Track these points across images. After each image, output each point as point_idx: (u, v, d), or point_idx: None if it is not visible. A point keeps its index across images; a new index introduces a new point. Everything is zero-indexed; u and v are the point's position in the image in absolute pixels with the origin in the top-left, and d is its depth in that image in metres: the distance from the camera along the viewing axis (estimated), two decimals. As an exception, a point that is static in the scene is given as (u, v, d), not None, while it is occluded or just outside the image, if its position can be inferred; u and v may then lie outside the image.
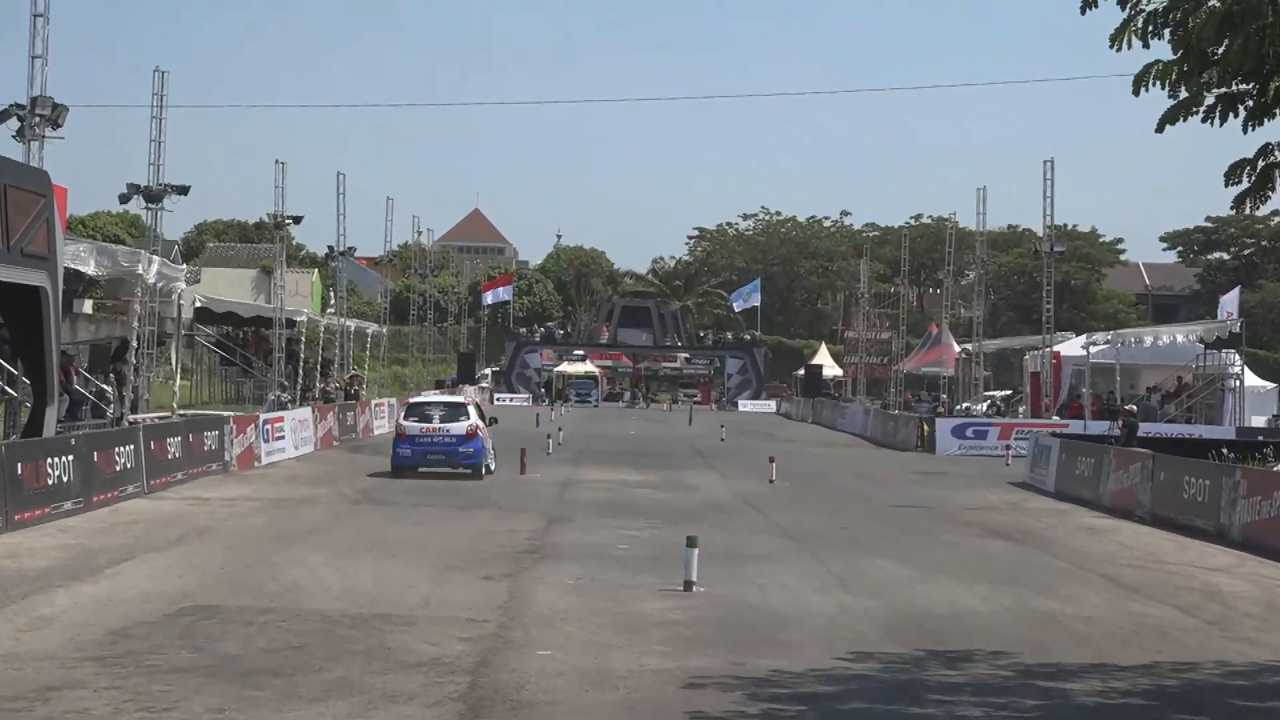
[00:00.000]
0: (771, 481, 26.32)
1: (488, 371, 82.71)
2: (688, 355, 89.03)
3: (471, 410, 25.43)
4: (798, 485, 26.23)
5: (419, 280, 73.86)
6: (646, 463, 31.52)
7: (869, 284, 76.88)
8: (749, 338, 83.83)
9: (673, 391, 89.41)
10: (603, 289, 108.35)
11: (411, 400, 27.85)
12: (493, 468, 25.87)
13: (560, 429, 38.78)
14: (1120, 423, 29.19)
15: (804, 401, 67.86)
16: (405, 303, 79.12)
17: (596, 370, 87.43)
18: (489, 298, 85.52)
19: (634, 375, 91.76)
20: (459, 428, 24.80)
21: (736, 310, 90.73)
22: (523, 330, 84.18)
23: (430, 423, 24.92)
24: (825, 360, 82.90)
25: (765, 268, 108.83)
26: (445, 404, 25.62)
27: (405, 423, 25.15)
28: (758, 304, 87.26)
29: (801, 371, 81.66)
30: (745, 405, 77.68)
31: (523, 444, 29.92)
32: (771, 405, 77.62)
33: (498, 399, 75.26)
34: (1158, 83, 8.45)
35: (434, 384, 68.68)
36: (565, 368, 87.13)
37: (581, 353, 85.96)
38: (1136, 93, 8.52)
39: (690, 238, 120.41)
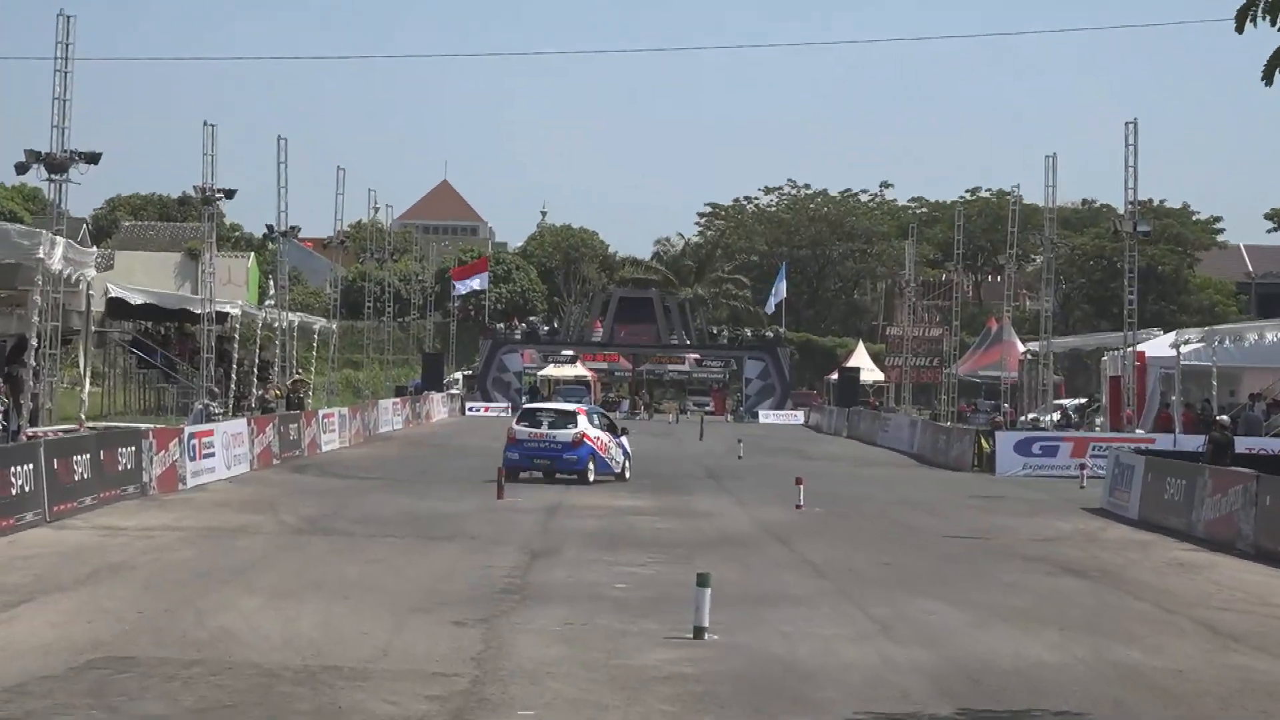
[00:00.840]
0: (799, 508, 26.50)
1: (458, 375, 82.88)
2: (698, 356, 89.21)
3: (582, 419, 31.35)
4: (830, 512, 26.48)
5: (376, 266, 74.14)
6: (648, 485, 31.56)
7: (915, 271, 76.98)
8: (771, 335, 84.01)
9: (680, 399, 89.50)
10: (596, 276, 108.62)
11: (525, 405, 35.55)
12: (627, 476, 32.00)
13: None
14: (1206, 439, 27.95)
15: (837, 412, 68.03)
16: (360, 293, 79.22)
17: (589, 374, 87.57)
18: (460, 287, 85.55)
19: (634, 380, 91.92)
20: (566, 435, 30.76)
21: (768, 312, 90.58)
22: (500, 326, 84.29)
23: (539, 428, 31.00)
24: (863, 362, 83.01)
25: (791, 251, 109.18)
26: (556, 410, 32.23)
27: (516, 427, 31.30)
28: (783, 296, 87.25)
29: (835, 376, 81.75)
30: (767, 416, 77.89)
31: (500, 463, 30.09)
32: (798, 416, 77.83)
33: (470, 408, 75.34)
34: (1267, 16, 7.94)
35: (394, 391, 68.78)
36: (551, 371, 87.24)
37: (570, 353, 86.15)
38: (1240, 28, 8.05)
39: (701, 215, 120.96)
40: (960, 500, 30.26)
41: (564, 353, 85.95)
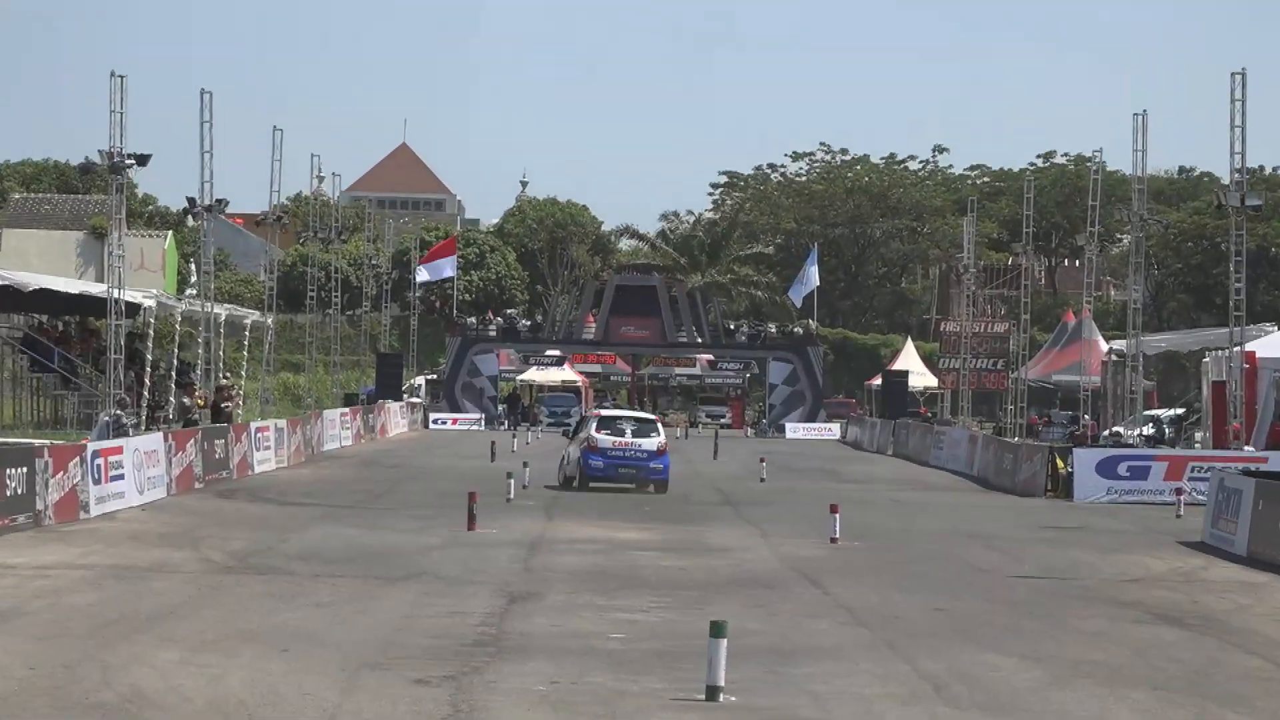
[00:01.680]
0: (834, 541, 26.56)
1: (420, 381, 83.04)
2: (711, 357, 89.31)
3: (661, 427, 37.95)
4: (873, 547, 26.60)
5: (320, 248, 74.22)
6: (652, 514, 31.58)
7: (976, 253, 76.89)
8: (801, 332, 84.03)
9: (690, 410, 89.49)
10: (588, 261, 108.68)
11: (603, 413, 40.32)
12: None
13: (526, 465, 38.80)
14: None
15: (881, 425, 68.10)
16: (301, 280, 79.28)
17: (579, 379, 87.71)
18: (423, 274, 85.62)
19: (633, 386, 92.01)
20: (651, 443, 36.82)
21: (796, 304, 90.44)
22: (471, 321, 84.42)
23: (623, 436, 36.72)
24: (912, 364, 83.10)
25: (825, 230, 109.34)
26: (637, 419, 38.51)
27: (597, 435, 36.93)
28: (815, 284, 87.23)
29: (878, 381, 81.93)
30: (795, 430, 78.04)
31: (471, 486, 29.99)
32: (833, 430, 77.98)
33: (435, 420, 75.48)
34: None
35: (342, 399, 68.75)
36: (534, 375, 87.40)
37: (557, 353, 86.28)
38: None
39: (716, 187, 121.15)
40: (1030, 532, 30.28)
41: (549, 353, 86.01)
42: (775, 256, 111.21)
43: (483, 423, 75.50)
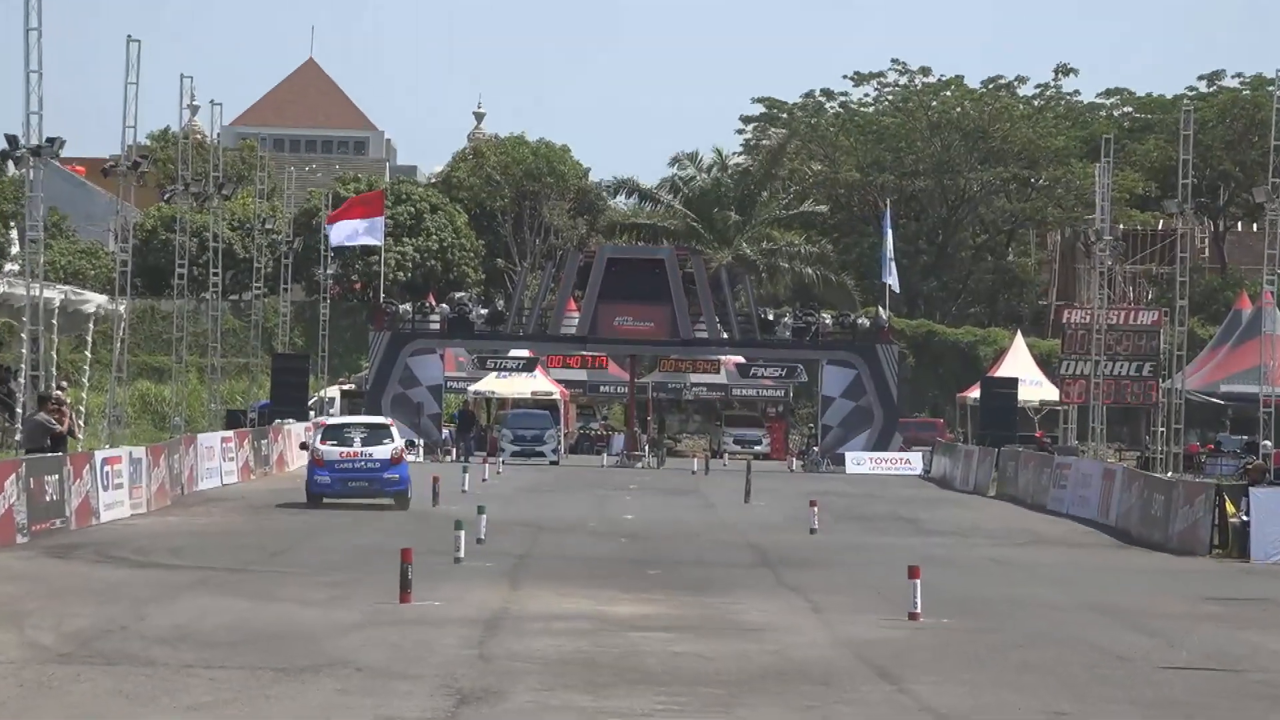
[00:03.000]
0: (914, 618, 26.59)
1: (334, 392, 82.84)
2: (742, 359, 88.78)
3: (396, 432, 44.17)
4: (968, 627, 26.67)
5: (194, 207, 74.02)
6: (659, 579, 31.62)
7: (1112, 213, 76.89)
8: (868, 323, 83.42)
9: (711, 434, 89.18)
10: (568, 225, 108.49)
11: (329, 422, 43.77)
12: None
13: (482, 511, 38.70)
14: None
15: (980, 455, 67.83)
16: (165, 252, 79.10)
17: (557, 390, 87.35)
18: (338, 237, 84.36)
19: (632, 400, 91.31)
20: (383, 451, 43.99)
21: (888, 282, 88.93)
22: (405, 309, 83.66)
23: (350, 446, 43.32)
24: (1022, 369, 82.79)
25: (900, 182, 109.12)
26: (367, 425, 44.67)
27: (322, 446, 43.71)
28: (889, 255, 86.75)
29: (975, 393, 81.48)
30: (860, 461, 77.92)
31: (405, 541, 30.01)
32: (913, 462, 77.96)
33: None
34: None
35: (223, 419, 68.55)
36: (493, 385, 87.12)
37: (526, 354, 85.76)
38: None
39: (749, 121, 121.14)
40: (1190, 605, 30.16)
41: (514, 354, 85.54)
42: (831, 218, 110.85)
43: (421, 451, 75.08)
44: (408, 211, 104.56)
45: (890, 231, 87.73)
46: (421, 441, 76.76)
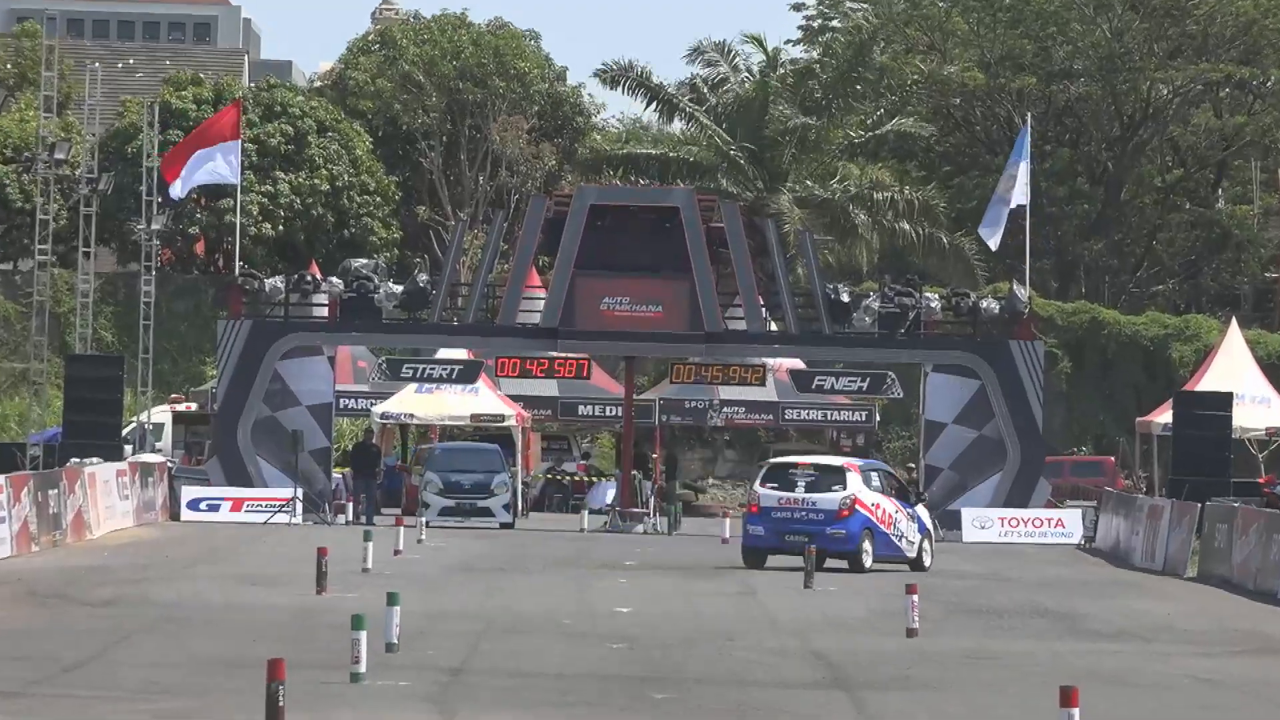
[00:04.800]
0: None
1: (164, 415, 72.05)
2: (801, 364, 73.28)
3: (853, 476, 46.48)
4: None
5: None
6: (672, 709, 26.30)
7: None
8: (996, 307, 68.38)
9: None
10: (529, 155, 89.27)
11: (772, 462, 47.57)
12: (927, 563, 47.33)
13: (395, 600, 31.57)
14: None
15: (1172, 512, 57.41)
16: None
17: (511, 413, 73.62)
18: (177, 188, 69.56)
19: (629, 428, 74.73)
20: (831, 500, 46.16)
21: (992, 246, 73.59)
22: (276, 284, 69.08)
23: (792, 491, 46.75)
24: (1238, 379, 69.98)
25: (1043, 86, 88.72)
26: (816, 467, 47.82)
27: (761, 490, 48.16)
28: (1023, 202, 70.73)
29: (1163, 416, 68.83)
30: (985, 521, 66.67)
31: (273, 648, 27.38)
32: (1068, 525, 66.63)
33: (194, 503, 64.08)
34: None
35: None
36: (411, 403, 73.14)
37: (462, 355, 72.06)
38: None
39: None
40: None
41: (444, 355, 71.95)
42: (941, 145, 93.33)
43: (298, 507, 63.41)
44: (281, 132, 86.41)
45: (1025, 161, 69.33)
46: (300, 492, 63.68)
